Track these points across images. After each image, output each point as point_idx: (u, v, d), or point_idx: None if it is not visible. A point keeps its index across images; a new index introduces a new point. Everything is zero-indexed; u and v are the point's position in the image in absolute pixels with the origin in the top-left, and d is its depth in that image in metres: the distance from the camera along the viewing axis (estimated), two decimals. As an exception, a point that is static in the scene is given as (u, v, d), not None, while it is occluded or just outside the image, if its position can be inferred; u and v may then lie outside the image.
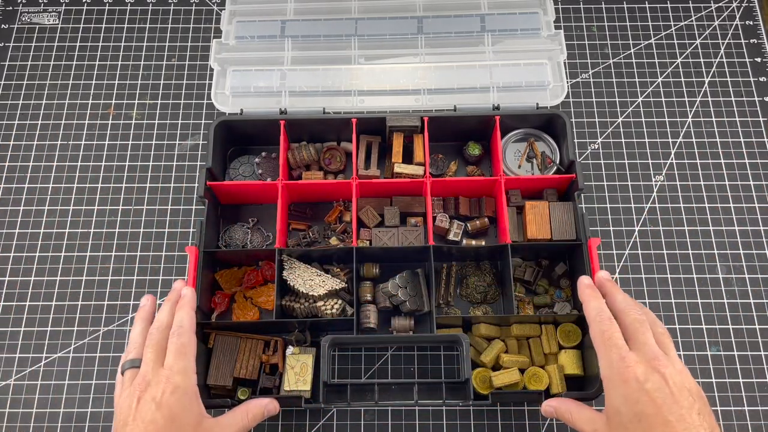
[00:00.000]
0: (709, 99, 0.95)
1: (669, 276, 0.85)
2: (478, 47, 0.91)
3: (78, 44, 0.99)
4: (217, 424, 0.63)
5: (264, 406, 0.68)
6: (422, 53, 0.91)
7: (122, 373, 0.64)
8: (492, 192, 0.86)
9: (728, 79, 0.96)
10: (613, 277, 0.84)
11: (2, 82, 0.97)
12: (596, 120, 0.94)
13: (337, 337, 0.71)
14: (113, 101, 0.96)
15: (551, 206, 0.82)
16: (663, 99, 0.95)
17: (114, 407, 0.64)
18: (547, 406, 0.68)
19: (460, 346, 0.71)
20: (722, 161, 0.91)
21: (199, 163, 0.91)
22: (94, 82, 0.97)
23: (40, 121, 0.94)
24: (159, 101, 0.95)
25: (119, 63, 0.98)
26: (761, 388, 0.79)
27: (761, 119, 0.94)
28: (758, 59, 0.97)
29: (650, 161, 0.91)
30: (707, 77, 0.96)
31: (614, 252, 0.86)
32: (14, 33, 1.00)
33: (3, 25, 1.01)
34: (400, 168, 0.84)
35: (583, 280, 0.70)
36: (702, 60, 0.98)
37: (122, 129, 0.94)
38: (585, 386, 0.74)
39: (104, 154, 0.92)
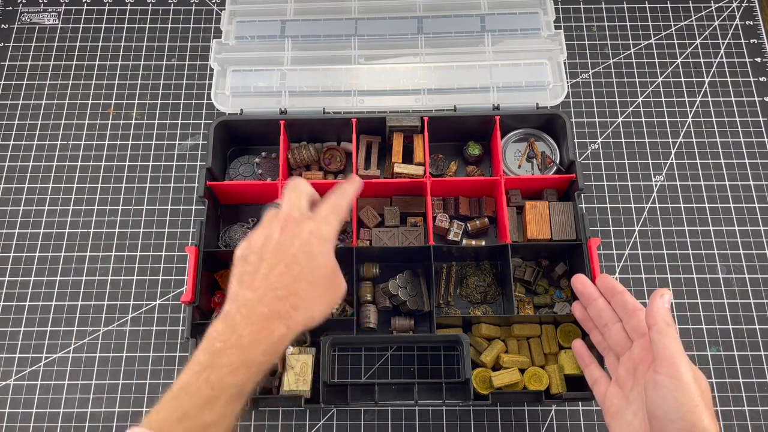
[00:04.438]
0: (709, 99, 0.95)
1: (669, 276, 0.85)
2: (478, 47, 0.91)
3: (78, 44, 0.99)
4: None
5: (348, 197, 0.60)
6: (422, 53, 0.91)
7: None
8: (492, 192, 0.86)
9: (728, 79, 0.96)
10: (613, 278, 0.84)
11: (2, 82, 0.97)
12: (596, 120, 0.94)
13: (337, 337, 0.71)
14: (113, 101, 0.96)
15: (551, 206, 0.82)
16: (663, 99, 0.95)
17: (249, 237, 0.59)
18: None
19: (460, 346, 0.71)
20: (722, 161, 0.91)
21: (199, 163, 0.91)
22: (94, 82, 0.97)
23: (40, 121, 0.94)
24: (159, 101, 0.95)
25: (119, 63, 0.98)
26: (761, 388, 0.79)
27: (761, 119, 0.94)
28: (758, 59, 0.97)
29: (650, 161, 0.91)
30: (707, 77, 0.96)
31: (614, 252, 0.86)
32: (14, 33, 1.00)
33: (3, 25, 1.01)
34: (400, 168, 0.84)
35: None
36: (702, 60, 0.98)
37: (122, 129, 0.94)
38: (585, 386, 0.74)
39: (104, 154, 0.92)
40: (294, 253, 0.53)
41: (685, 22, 1.00)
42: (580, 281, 0.66)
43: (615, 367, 0.60)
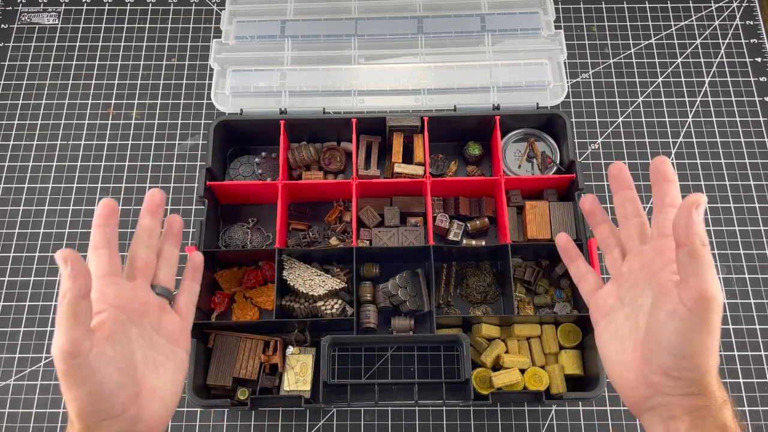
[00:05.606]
0: (709, 99, 0.95)
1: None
2: (478, 47, 0.91)
3: (78, 44, 0.99)
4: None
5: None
6: (422, 53, 0.91)
7: None
8: (492, 192, 0.85)
9: (728, 79, 0.96)
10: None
11: (2, 82, 0.97)
12: (596, 120, 0.94)
13: (337, 337, 0.71)
14: (113, 101, 0.96)
15: (551, 206, 0.82)
16: (663, 99, 0.95)
17: None
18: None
19: (460, 346, 0.71)
20: (722, 161, 0.91)
21: (199, 163, 0.91)
22: (94, 82, 0.97)
23: (40, 121, 0.94)
24: (159, 101, 0.95)
25: (119, 63, 0.98)
26: (761, 388, 0.79)
27: (761, 119, 0.94)
28: (758, 59, 0.97)
29: (650, 161, 0.91)
30: (707, 77, 0.96)
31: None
32: (14, 33, 1.00)
33: (3, 25, 1.01)
34: (400, 168, 0.84)
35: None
36: (702, 60, 0.98)
37: (122, 129, 0.94)
38: (585, 386, 0.74)
39: (104, 154, 0.92)
40: None
41: (685, 22, 1.00)
42: (617, 167, 0.55)
43: (617, 265, 0.52)
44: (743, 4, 1.01)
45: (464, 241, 0.84)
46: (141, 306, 0.46)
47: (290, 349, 0.76)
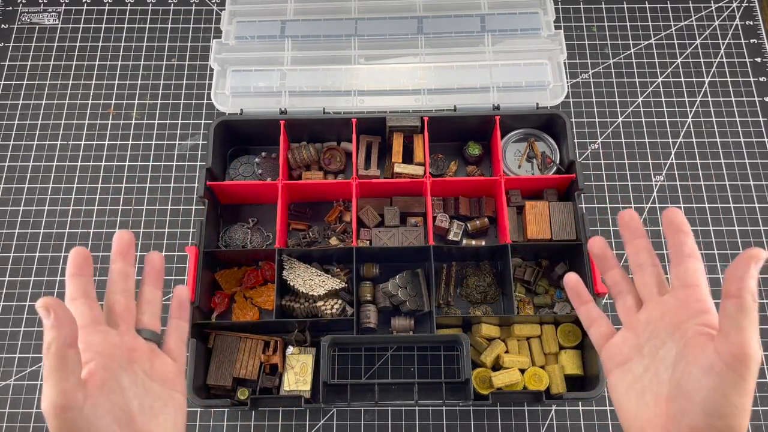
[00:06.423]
0: (709, 99, 0.95)
1: (669, 276, 0.85)
2: (478, 47, 0.91)
3: (78, 44, 0.99)
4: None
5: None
6: (422, 53, 0.91)
7: None
8: (492, 192, 0.86)
9: (728, 79, 0.96)
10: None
11: (2, 82, 0.97)
12: (596, 120, 0.94)
13: (337, 337, 0.71)
14: (113, 101, 0.96)
15: (551, 206, 0.82)
16: (663, 99, 0.95)
17: None
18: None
19: (460, 346, 0.71)
20: (722, 161, 0.91)
21: (199, 163, 0.91)
22: (94, 82, 0.97)
23: (40, 121, 0.94)
24: (159, 101, 0.95)
25: (119, 63, 0.98)
26: (761, 388, 0.79)
27: (761, 119, 0.94)
28: (758, 59, 0.97)
29: (650, 161, 0.91)
30: (707, 77, 0.96)
31: (614, 252, 0.86)
32: (14, 33, 1.00)
33: (3, 25, 1.01)
34: (400, 168, 0.84)
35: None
36: (702, 60, 0.98)
37: (122, 129, 0.94)
38: (585, 386, 0.74)
39: (104, 154, 0.92)
40: None
41: (685, 22, 1.00)
42: (629, 215, 0.52)
43: (632, 313, 0.50)
44: (743, 4, 1.01)
45: (464, 241, 0.84)
46: (129, 352, 0.44)
47: (290, 349, 0.76)
